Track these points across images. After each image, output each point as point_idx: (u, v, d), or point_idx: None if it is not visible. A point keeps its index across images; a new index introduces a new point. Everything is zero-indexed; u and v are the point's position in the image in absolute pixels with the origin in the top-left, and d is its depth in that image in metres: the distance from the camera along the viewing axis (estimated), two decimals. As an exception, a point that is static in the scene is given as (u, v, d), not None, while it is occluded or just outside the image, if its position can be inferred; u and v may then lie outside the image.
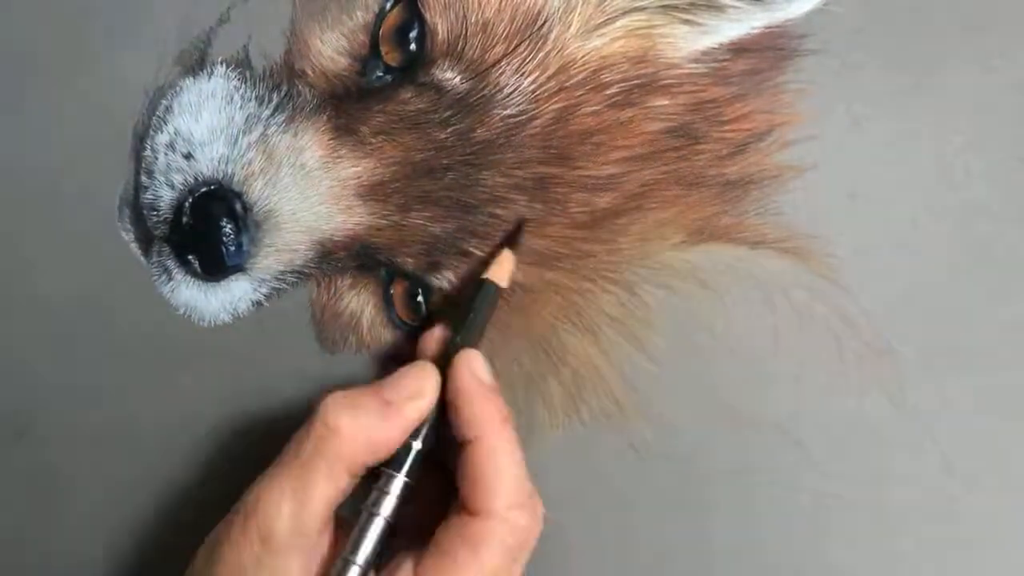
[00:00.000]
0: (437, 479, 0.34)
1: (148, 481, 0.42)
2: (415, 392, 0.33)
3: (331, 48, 0.38)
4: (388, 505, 0.33)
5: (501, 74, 0.36)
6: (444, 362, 0.34)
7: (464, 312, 0.35)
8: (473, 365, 0.34)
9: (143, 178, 0.39)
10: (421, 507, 0.34)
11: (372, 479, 0.33)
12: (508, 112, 0.36)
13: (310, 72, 0.38)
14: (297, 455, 0.32)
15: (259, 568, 0.31)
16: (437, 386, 0.34)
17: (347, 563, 0.32)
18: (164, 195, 0.38)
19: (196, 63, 0.39)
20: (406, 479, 0.33)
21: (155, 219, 0.39)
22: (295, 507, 0.31)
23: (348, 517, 0.33)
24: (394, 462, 0.33)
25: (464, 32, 0.36)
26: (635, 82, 0.36)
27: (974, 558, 0.35)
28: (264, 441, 0.41)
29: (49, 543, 0.43)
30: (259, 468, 0.41)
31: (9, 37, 0.42)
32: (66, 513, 0.43)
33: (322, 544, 0.32)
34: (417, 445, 0.33)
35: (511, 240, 0.37)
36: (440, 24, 0.36)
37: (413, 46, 0.37)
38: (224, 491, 0.42)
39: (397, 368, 0.35)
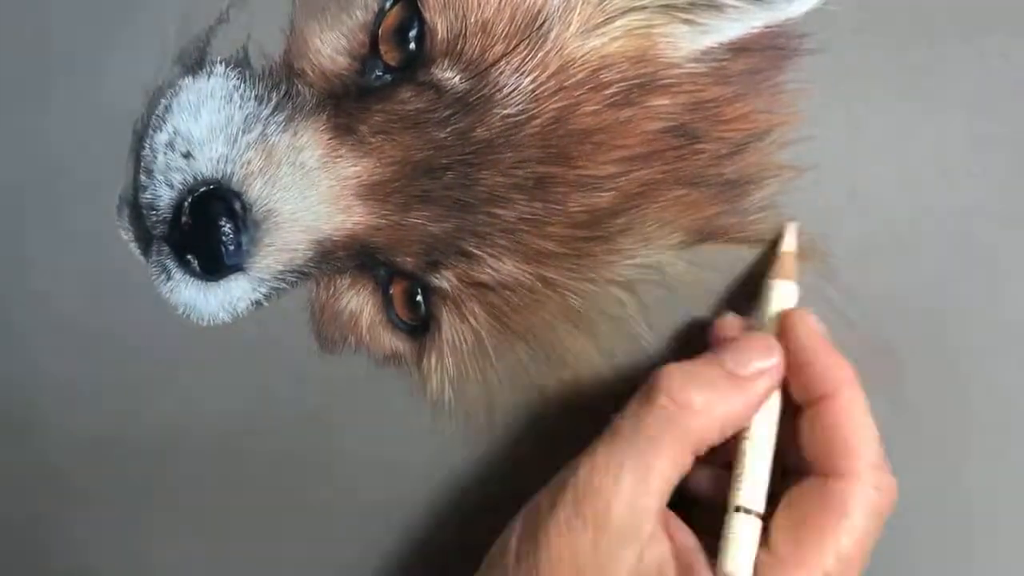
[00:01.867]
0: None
1: (149, 481, 0.42)
2: (765, 364, 0.31)
3: (330, 47, 0.38)
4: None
5: (500, 73, 0.36)
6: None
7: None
8: (811, 320, 0.32)
9: (142, 177, 0.39)
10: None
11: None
12: (507, 111, 0.36)
13: (309, 71, 0.38)
14: (636, 431, 0.29)
15: (595, 553, 0.28)
16: (783, 357, 0.31)
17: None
18: (163, 194, 0.38)
19: (195, 62, 0.39)
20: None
21: (154, 218, 0.39)
22: (636, 488, 0.29)
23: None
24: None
25: (463, 31, 0.36)
26: (635, 81, 0.36)
27: (974, 558, 0.35)
28: (264, 440, 0.41)
29: (51, 542, 0.43)
30: (258, 467, 0.41)
31: (9, 37, 0.42)
32: (67, 512, 0.43)
33: (659, 529, 0.30)
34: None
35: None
36: (439, 23, 0.36)
37: (412, 45, 0.37)
38: (224, 490, 0.42)
39: None
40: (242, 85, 0.38)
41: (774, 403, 0.32)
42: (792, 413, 0.32)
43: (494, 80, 0.36)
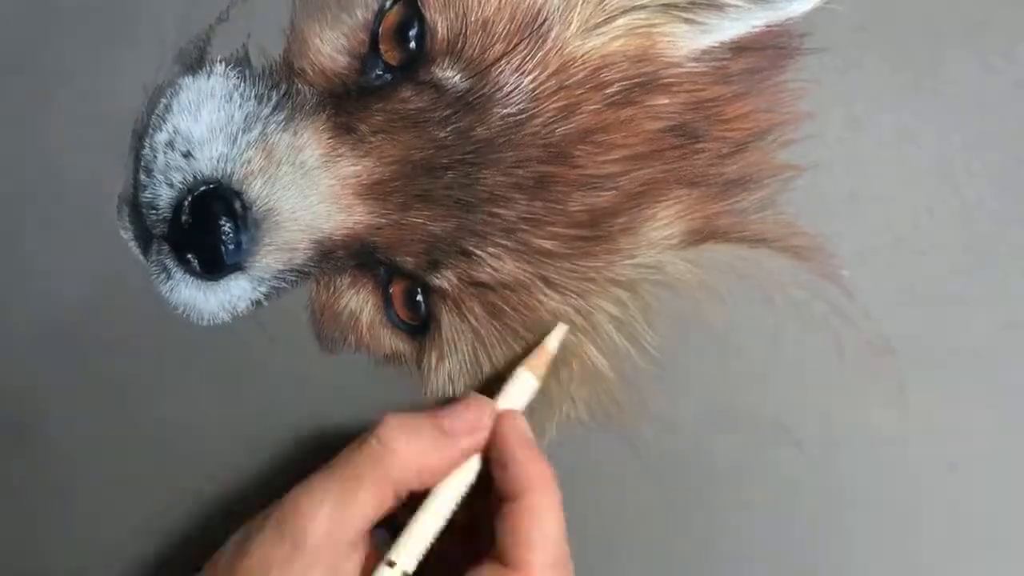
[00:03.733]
0: (462, 530, 0.34)
1: (149, 480, 0.42)
2: (472, 426, 0.34)
3: (330, 46, 0.38)
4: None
5: (501, 73, 0.36)
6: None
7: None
8: (518, 422, 0.34)
9: (142, 177, 0.39)
10: (445, 555, 0.34)
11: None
12: (508, 111, 0.36)
13: (309, 70, 0.38)
14: (345, 467, 0.32)
15: (285, 569, 0.31)
16: (492, 423, 0.34)
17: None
18: (163, 193, 0.38)
19: (195, 62, 0.39)
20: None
21: (154, 218, 0.39)
22: (334, 516, 0.31)
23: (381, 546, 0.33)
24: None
25: (464, 31, 0.36)
26: (635, 81, 0.36)
27: (974, 558, 0.35)
28: (263, 439, 0.41)
29: (51, 543, 0.43)
30: (257, 466, 0.41)
31: (9, 36, 0.42)
32: (68, 512, 0.43)
33: (353, 560, 0.32)
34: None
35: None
36: (440, 22, 0.36)
37: (413, 44, 0.37)
38: (223, 489, 0.42)
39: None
40: (242, 84, 0.38)
41: (468, 472, 0.34)
42: (497, 503, 0.33)
43: (494, 79, 0.36)
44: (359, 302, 0.39)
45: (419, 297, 0.39)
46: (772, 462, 0.36)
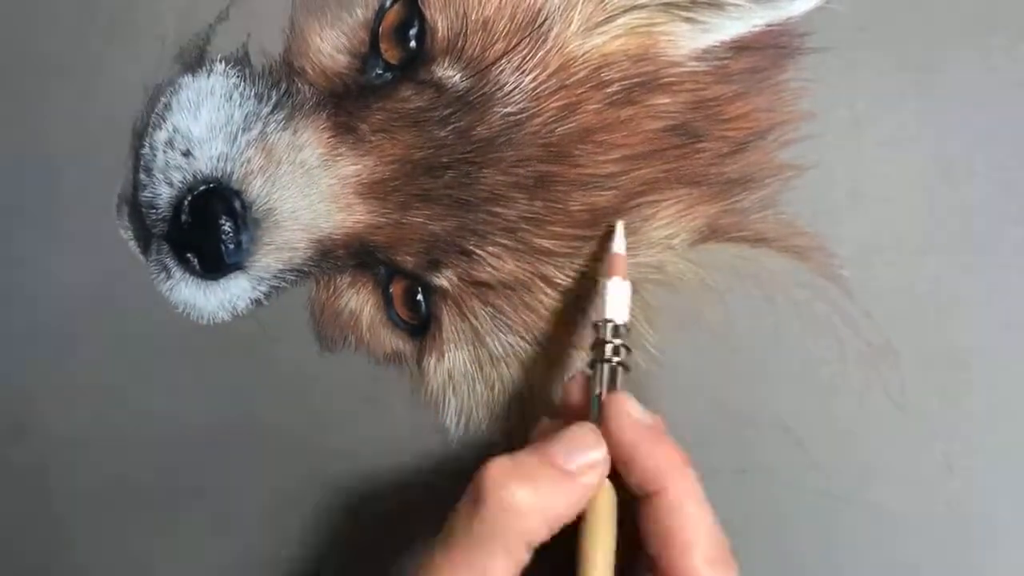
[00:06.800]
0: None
1: (146, 481, 0.42)
2: (591, 458, 0.30)
3: (330, 46, 0.38)
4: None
5: (501, 72, 0.36)
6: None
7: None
8: (630, 409, 0.31)
9: (142, 176, 0.39)
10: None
11: None
12: (508, 110, 0.36)
13: (309, 70, 0.38)
14: (468, 535, 0.29)
15: None
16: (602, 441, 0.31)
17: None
18: (163, 193, 0.38)
19: (195, 60, 0.39)
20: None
21: (154, 217, 0.39)
22: None
23: None
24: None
25: (464, 30, 0.36)
26: (636, 80, 0.36)
27: (974, 558, 0.35)
28: (262, 439, 0.41)
29: (50, 543, 0.43)
30: (257, 467, 0.41)
31: (9, 36, 0.42)
32: (65, 512, 0.43)
33: None
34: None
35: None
36: (440, 22, 0.36)
37: (413, 44, 0.37)
38: (222, 491, 0.42)
39: None
40: (242, 83, 0.38)
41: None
42: (635, 507, 0.31)
43: (495, 78, 0.36)
44: (359, 301, 0.39)
45: (419, 296, 0.39)
46: (772, 462, 0.36)
